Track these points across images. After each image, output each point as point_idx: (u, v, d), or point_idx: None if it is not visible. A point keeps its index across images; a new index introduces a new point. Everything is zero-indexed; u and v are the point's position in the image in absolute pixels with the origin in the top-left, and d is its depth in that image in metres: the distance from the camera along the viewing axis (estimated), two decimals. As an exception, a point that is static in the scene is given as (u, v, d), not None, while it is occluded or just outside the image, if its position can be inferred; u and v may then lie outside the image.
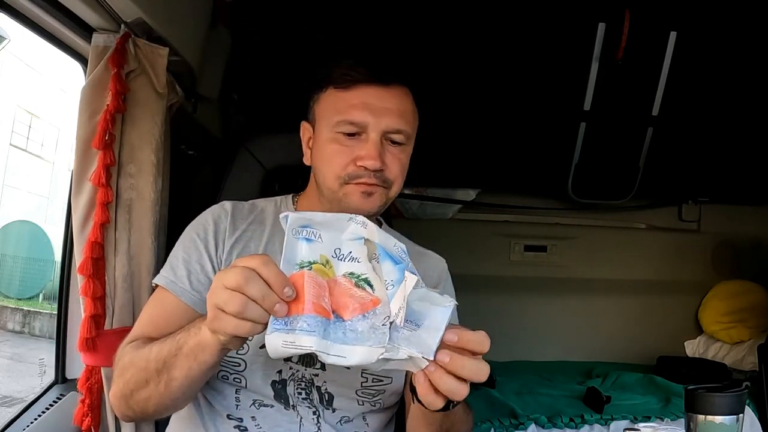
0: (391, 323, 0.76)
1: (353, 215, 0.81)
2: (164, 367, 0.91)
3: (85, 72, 1.29)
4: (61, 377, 1.40)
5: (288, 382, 1.09)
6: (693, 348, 2.81)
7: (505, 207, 2.70)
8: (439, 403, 0.81)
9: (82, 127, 1.23)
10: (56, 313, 1.43)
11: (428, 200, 2.65)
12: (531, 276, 2.77)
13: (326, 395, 1.10)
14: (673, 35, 2.13)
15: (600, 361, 2.70)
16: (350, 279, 0.79)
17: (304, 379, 1.09)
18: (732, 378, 2.51)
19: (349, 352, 0.76)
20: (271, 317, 0.75)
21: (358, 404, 1.12)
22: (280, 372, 1.08)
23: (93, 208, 1.23)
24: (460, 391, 0.80)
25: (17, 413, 1.33)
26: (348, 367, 0.84)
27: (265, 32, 2.01)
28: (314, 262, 0.78)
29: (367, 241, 0.80)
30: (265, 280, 0.75)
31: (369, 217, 1.12)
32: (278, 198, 1.24)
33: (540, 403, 2.07)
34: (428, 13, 2.06)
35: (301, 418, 1.09)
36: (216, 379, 1.08)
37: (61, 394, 1.37)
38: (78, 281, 1.24)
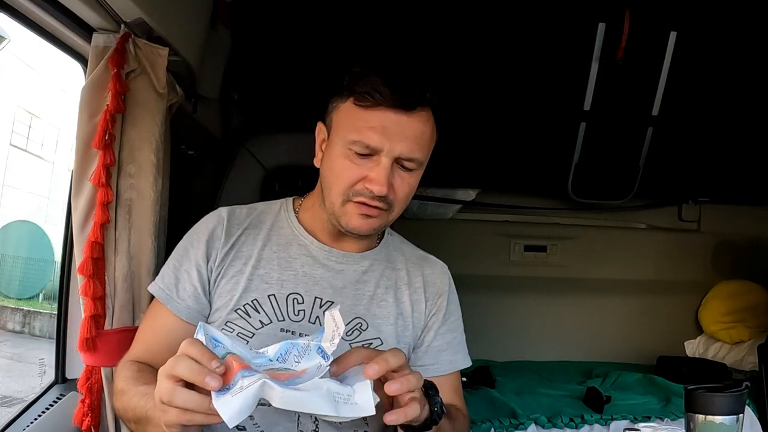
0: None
1: (255, 351, 0.85)
2: (140, 422, 0.94)
3: (85, 72, 1.29)
4: (61, 377, 1.40)
5: None
6: (693, 348, 2.81)
7: (505, 207, 2.70)
8: (417, 410, 0.87)
9: (82, 127, 1.23)
10: (56, 313, 1.43)
11: (428, 200, 2.65)
12: (531, 276, 2.77)
13: None
14: (673, 35, 2.13)
15: (600, 361, 2.70)
16: (272, 371, 0.82)
17: None
18: (732, 378, 2.51)
19: (301, 385, 0.79)
20: (213, 395, 0.76)
21: None
22: None
23: (93, 208, 1.23)
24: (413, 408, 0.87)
25: (17, 413, 1.33)
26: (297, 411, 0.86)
27: (265, 32, 2.01)
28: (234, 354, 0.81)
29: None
30: (193, 359, 0.78)
31: (367, 236, 1.15)
32: (280, 201, 1.24)
33: (540, 403, 2.07)
34: (429, 13, 2.06)
35: (299, 416, 1.09)
36: None
37: (61, 394, 1.37)
38: (78, 281, 1.24)
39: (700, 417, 0.92)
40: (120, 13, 1.20)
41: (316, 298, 1.13)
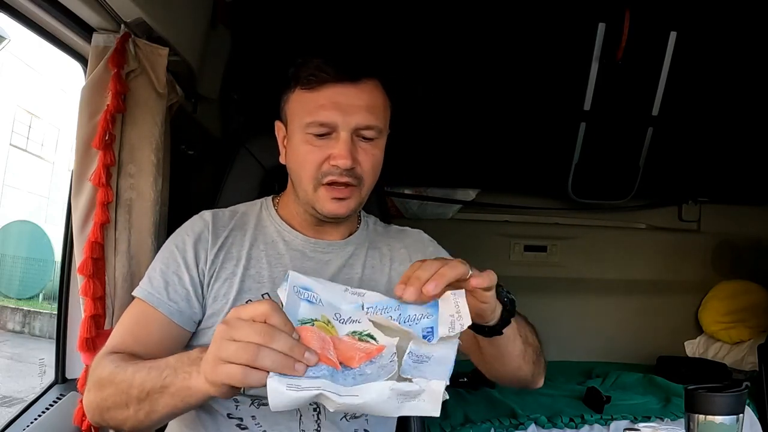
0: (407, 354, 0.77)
1: (348, 287, 0.83)
2: (147, 398, 0.88)
3: (85, 72, 1.29)
4: (61, 377, 1.40)
5: None
6: (693, 348, 2.81)
7: (505, 207, 2.70)
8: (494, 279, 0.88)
9: (82, 127, 1.23)
10: (56, 313, 1.43)
11: (428, 200, 2.65)
12: (531, 276, 2.77)
13: None
14: (673, 35, 2.13)
15: (600, 361, 2.70)
16: (353, 336, 0.79)
17: None
18: (732, 378, 2.51)
19: (361, 390, 0.74)
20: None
21: None
22: None
23: (93, 208, 1.23)
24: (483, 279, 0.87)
25: (17, 413, 1.33)
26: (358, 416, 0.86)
27: (265, 32, 2.01)
28: (316, 320, 0.78)
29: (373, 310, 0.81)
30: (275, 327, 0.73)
31: (344, 218, 1.13)
32: (259, 201, 1.25)
33: (540, 403, 2.07)
34: (430, 14, 2.06)
35: (301, 415, 1.09)
36: None
37: (61, 394, 1.37)
38: (78, 281, 1.24)
39: (700, 417, 0.92)
40: (120, 13, 1.20)
41: None
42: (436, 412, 0.76)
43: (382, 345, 0.78)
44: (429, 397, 0.76)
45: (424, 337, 0.78)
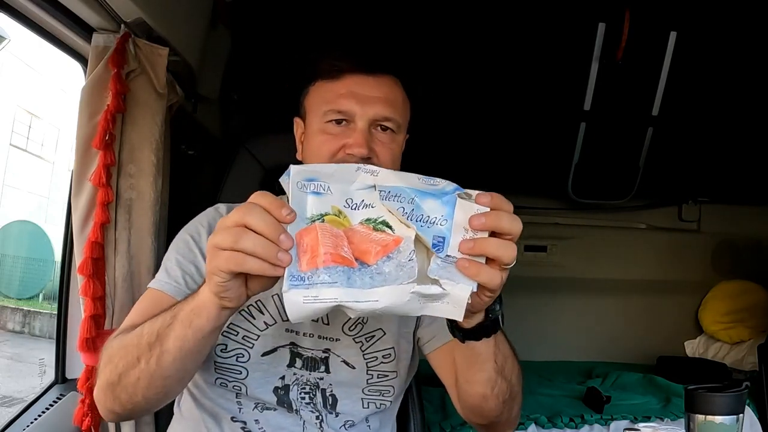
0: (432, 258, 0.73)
1: (361, 164, 0.77)
2: (157, 339, 0.85)
3: (85, 72, 1.29)
4: (61, 377, 1.40)
5: (291, 387, 1.08)
6: (693, 348, 2.81)
7: (505, 207, 2.70)
8: (481, 302, 0.78)
9: (82, 127, 1.23)
10: (56, 313, 1.43)
11: (428, 200, 2.64)
12: (531, 276, 2.77)
13: (330, 398, 1.10)
14: (673, 35, 2.13)
15: (600, 361, 2.70)
16: (367, 225, 0.74)
17: (308, 383, 1.09)
18: (732, 378, 2.51)
19: (380, 294, 0.71)
20: (287, 273, 0.70)
21: (363, 407, 1.12)
22: (282, 378, 1.08)
23: (93, 208, 1.23)
24: (494, 278, 0.76)
25: (17, 413, 1.33)
26: (381, 316, 0.81)
27: (265, 32, 2.01)
28: (326, 214, 0.73)
29: (382, 191, 0.75)
30: (267, 210, 0.71)
31: None
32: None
33: (540, 403, 2.07)
34: (430, 15, 2.06)
35: (304, 422, 1.09)
36: (215, 386, 1.08)
37: (61, 394, 1.37)
38: (78, 281, 1.24)
39: (700, 417, 0.92)
40: (120, 13, 1.20)
41: None
42: (459, 316, 0.74)
43: (398, 237, 0.73)
44: (453, 301, 0.73)
45: (434, 246, 0.73)
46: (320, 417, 1.09)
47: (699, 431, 0.93)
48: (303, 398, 1.09)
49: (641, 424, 1.00)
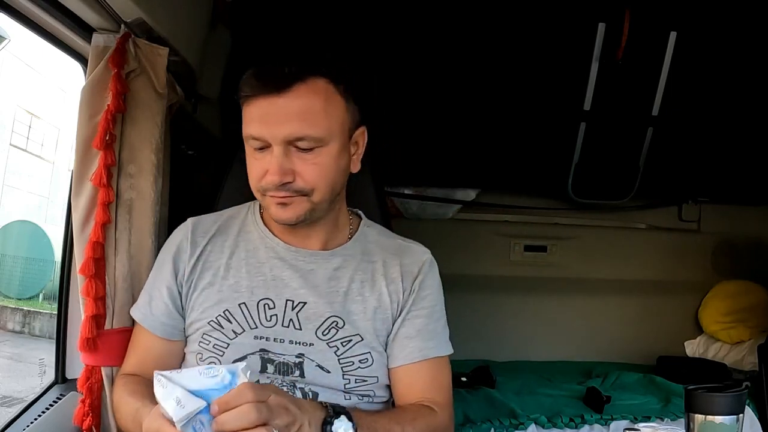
0: None
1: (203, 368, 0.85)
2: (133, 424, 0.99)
3: (85, 72, 1.29)
4: (61, 377, 1.40)
5: None
6: (693, 348, 2.81)
7: (505, 207, 2.70)
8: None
9: (82, 127, 1.23)
10: (56, 313, 1.43)
11: (428, 200, 2.65)
12: (531, 276, 2.77)
13: (310, 394, 1.08)
14: (673, 35, 2.13)
15: (600, 361, 2.70)
16: None
17: (284, 385, 1.07)
18: (732, 378, 2.51)
19: None
20: None
21: (345, 399, 1.10)
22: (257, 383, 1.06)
23: (93, 208, 1.23)
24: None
25: (17, 413, 1.33)
26: None
27: (265, 32, 2.01)
28: None
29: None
30: None
31: (298, 224, 1.09)
32: (247, 204, 1.22)
33: (540, 403, 2.07)
34: (430, 14, 2.06)
35: None
36: None
37: (61, 394, 1.37)
38: (78, 281, 1.24)
39: (700, 417, 0.92)
40: (120, 13, 1.20)
41: (287, 300, 1.11)
42: None
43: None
44: None
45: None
46: None
47: (699, 431, 0.93)
48: None
49: (641, 424, 1.00)
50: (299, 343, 1.09)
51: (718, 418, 0.91)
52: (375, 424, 1.01)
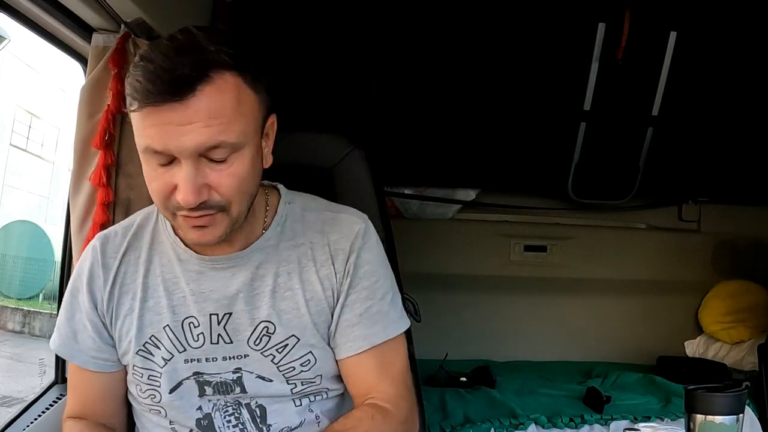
0: None
1: None
2: None
3: (85, 72, 1.29)
4: (61, 377, 1.40)
5: (213, 414, 1.01)
6: (693, 348, 2.81)
7: (505, 207, 2.70)
8: None
9: (81, 127, 1.23)
10: (56, 313, 1.43)
11: (428, 200, 2.65)
12: (531, 276, 2.77)
13: (257, 410, 1.01)
14: (673, 35, 2.13)
15: (600, 361, 2.70)
16: None
17: (229, 405, 1.01)
18: (732, 378, 2.51)
19: None
20: None
21: (296, 405, 1.01)
22: (200, 408, 1.01)
23: (92, 208, 1.23)
24: None
25: (17, 413, 1.33)
26: None
27: (265, 32, 2.01)
28: None
29: None
30: None
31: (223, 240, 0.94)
32: (155, 207, 1.03)
33: (540, 403, 2.07)
34: (430, 14, 2.06)
35: None
36: (149, 414, 1.05)
37: (61, 394, 1.37)
38: (78, 281, 1.24)
39: (700, 417, 0.92)
40: (120, 13, 1.20)
41: (211, 315, 0.99)
42: None
43: None
44: None
45: None
46: None
47: (699, 431, 0.93)
48: (229, 421, 1.01)
49: (641, 424, 1.00)
50: (233, 357, 0.99)
51: (718, 418, 0.91)
52: None
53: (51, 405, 1.34)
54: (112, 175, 1.24)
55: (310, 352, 1.00)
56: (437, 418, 1.96)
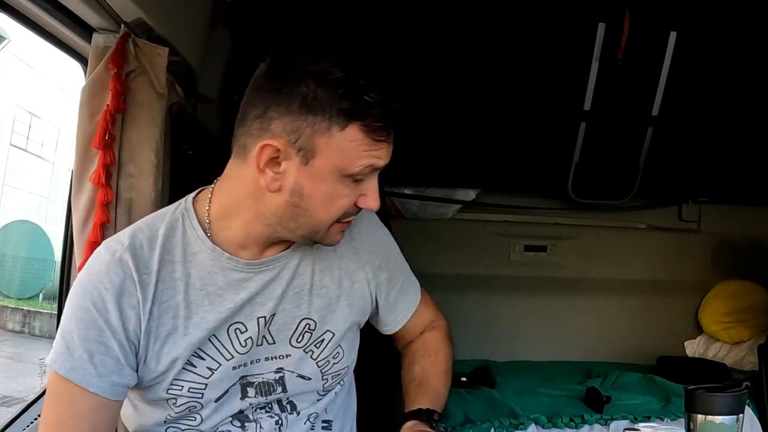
0: None
1: None
2: None
3: (85, 72, 1.29)
4: (61, 377, 1.39)
5: (246, 411, 1.06)
6: (693, 348, 2.81)
7: (505, 207, 2.70)
8: None
9: (82, 127, 1.23)
10: (56, 313, 1.43)
11: (428, 200, 2.65)
12: (531, 276, 2.77)
13: (288, 406, 1.08)
14: (673, 35, 2.13)
15: (600, 361, 2.70)
16: None
17: (264, 404, 1.07)
18: (732, 378, 2.51)
19: None
20: None
21: (320, 395, 1.11)
22: (240, 411, 1.05)
23: (93, 208, 1.23)
24: None
25: (17, 413, 1.33)
26: None
27: (265, 32, 2.01)
28: None
29: None
30: None
31: None
32: (178, 214, 1.03)
33: (540, 403, 2.07)
34: (430, 14, 2.06)
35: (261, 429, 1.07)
36: (163, 424, 1.04)
37: (61, 394, 1.36)
38: (78, 281, 1.24)
39: (700, 417, 0.92)
40: (120, 13, 1.20)
41: (258, 319, 1.02)
42: None
43: None
44: None
45: None
46: (280, 421, 1.07)
47: (699, 431, 0.93)
48: (261, 416, 1.07)
49: (641, 424, 1.00)
50: (275, 357, 1.04)
51: (718, 418, 0.91)
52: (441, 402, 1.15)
53: (51, 405, 1.34)
54: (112, 175, 1.24)
55: (339, 345, 1.09)
56: (437, 418, 1.96)
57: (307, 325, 1.06)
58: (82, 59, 1.31)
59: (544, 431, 1.94)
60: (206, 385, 0.99)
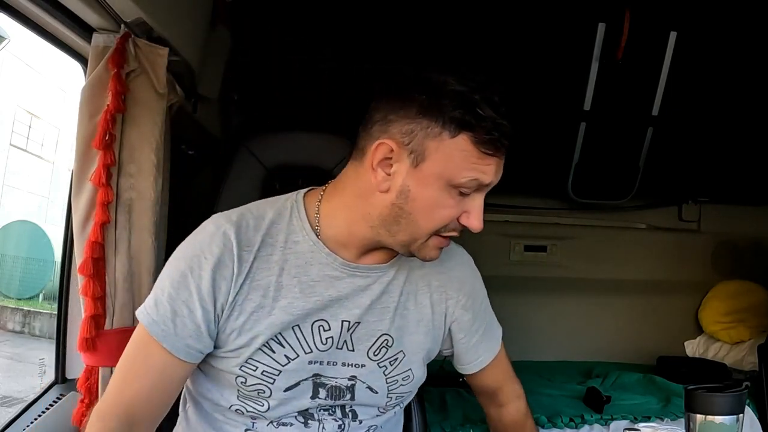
0: None
1: None
2: None
3: (85, 72, 1.29)
4: (61, 377, 1.40)
5: (311, 410, 1.07)
6: (693, 348, 2.81)
7: (505, 207, 2.70)
8: None
9: (82, 127, 1.23)
10: (56, 313, 1.43)
11: (428, 200, 2.65)
12: (531, 276, 2.77)
13: (350, 414, 1.10)
14: (673, 35, 2.13)
15: (600, 361, 2.70)
16: None
17: (331, 407, 1.08)
18: (732, 378, 2.51)
19: None
20: None
21: (380, 412, 1.13)
22: (306, 409, 1.07)
23: (93, 208, 1.23)
24: None
25: (17, 413, 1.33)
26: None
27: (265, 32, 2.01)
28: None
29: None
30: None
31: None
32: (289, 203, 1.07)
33: (540, 403, 2.07)
34: (429, 14, 2.06)
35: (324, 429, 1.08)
36: (230, 410, 1.06)
37: (61, 394, 1.37)
38: (78, 281, 1.24)
39: (700, 417, 0.92)
40: (120, 13, 1.20)
41: (343, 321, 1.04)
42: None
43: None
44: None
45: None
46: (342, 426, 1.09)
47: (699, 431, 0.93)
48: (324, 417, 1.08)
49: (641, 424, 1.00)
50: (351, 365, 1.06)
51: (718, 418, 0.91)
52: None
53: (51, 405, 1.34)
54: (112, 175, 1.24)
55: (410, 369, 1.11)
56: (437, 418, 1.96)
57: (386, 341, 1.08)
58: (82, 59, 1.31)
59: (544, 431, 1.94)
60: (280, 371, 1.02)
